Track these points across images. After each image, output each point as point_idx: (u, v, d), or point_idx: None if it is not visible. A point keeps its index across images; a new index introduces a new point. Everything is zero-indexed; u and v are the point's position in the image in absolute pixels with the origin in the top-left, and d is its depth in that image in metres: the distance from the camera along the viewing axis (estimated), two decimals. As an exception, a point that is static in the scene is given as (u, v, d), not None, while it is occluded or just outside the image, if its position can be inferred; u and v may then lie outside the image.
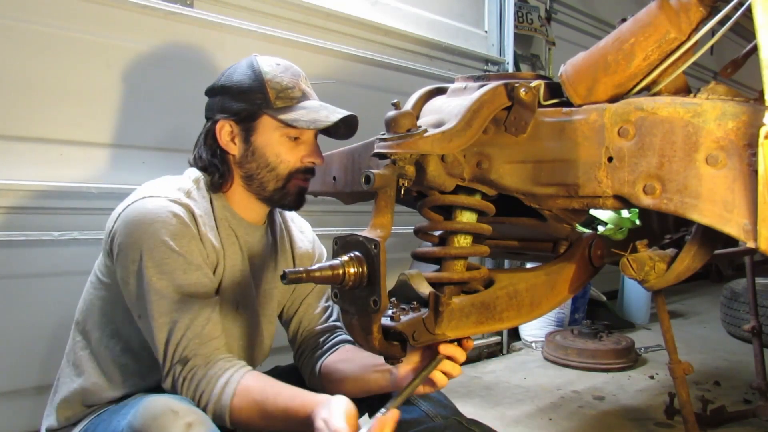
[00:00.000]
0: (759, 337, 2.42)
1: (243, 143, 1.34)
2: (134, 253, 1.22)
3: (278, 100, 1.32)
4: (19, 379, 1.78)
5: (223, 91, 1.35)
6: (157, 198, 1.26)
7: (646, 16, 1.05)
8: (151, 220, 1.22)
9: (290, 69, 1.38)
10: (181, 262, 1.22)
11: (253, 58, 1.37)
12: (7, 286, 1.76)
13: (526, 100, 1.08)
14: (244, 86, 1.33)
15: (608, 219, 1.87)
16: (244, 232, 1.39)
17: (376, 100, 2.61)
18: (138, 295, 1.22)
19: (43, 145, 1.81)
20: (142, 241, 1.21)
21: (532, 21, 3.84)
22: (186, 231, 1.24)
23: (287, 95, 1.33)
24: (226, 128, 1.34)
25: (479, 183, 1.15)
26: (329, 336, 1.49)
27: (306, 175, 1.38)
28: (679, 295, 5.38)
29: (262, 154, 1.34)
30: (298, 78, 1.37)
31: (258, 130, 1.33)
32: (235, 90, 1.33)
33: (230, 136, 1.34)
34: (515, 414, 2.54)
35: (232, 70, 1.38)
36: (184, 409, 1.08)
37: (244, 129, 1.34)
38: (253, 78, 1.33)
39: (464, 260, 1.16)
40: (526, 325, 3.61)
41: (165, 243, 1.21)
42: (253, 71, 1.34)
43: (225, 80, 1.36)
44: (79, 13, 1.86)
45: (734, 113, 0.92)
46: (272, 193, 1.37)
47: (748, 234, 0.90)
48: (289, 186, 1.36)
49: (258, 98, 1.32)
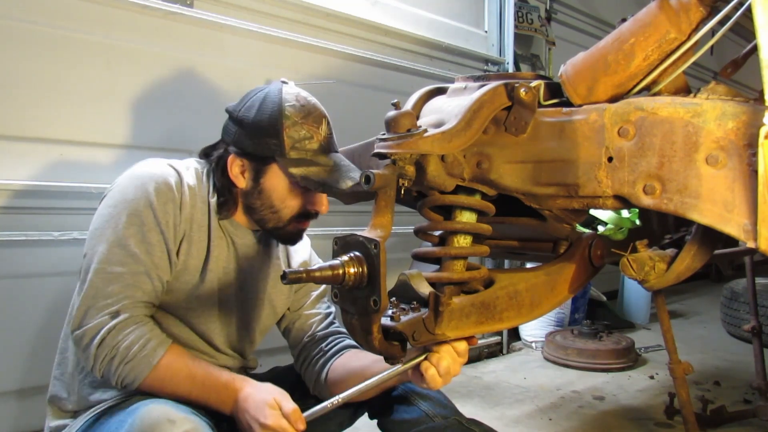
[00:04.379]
0: (759, 337, 2.42)
1: (252, 181, 1.34)
2: (113, 199, 1.26)
3: (293, 150, 1.30)
4: (19, 379, 1.78)
5: (242, 124, 1.33)
6: (154, 160, 1.32)
7: (646, 16, 1.05)
8: (140, 175, 1.27)
9: (313, 113, 1.34)
10: (150, 219, 1.24)
11: (279, 93, 1.33)
12: (7, 286, 1.76)
13: (526, 100, 1.08)
14: (261, 128, 1.30)
15: (608, 219, 1.87)
16: (233, 232, 1.39)
17: (376, 100, 2.62)
18: (96, 235, 1.25)
19: (43, 145, 1.81)
20: (127, 191, 1.25)
21: (532, 21, 3.84)
22: (167, 192, 1.27)
23: (303, 147, 1.31)
24: (237, 162, 1.34)
25: (479, 183, 1.15)
26: (332, 342, 1.49)
27: (307, 220, 1.39)
28: (679, 295, 5.38)
29: (268, 196, 1.34)
30: (319, 125, 1.34)
31: (267, 174, 1.33)
32: (252, 128, 1.31)
33: (240, 169, 1.34)
34: (515, 414, 2.54)
35: (255, 99, 1.34)
36: (181, 417, 1.07)
37: (255, 169, 1.34)
38: (272, 120, 1.30)
39: (464, 260, 1.16)
40: (526, 325, 3.60)
41: (146, 196, 1.24)
42: (273, 111, 1.30)
43: (245, 113, 1.33)
44: (79, 13, 1.86)
45: (734, 113, 0.92)
46: (271, 230, 1.39)
47: (748, 234, 0.90)
48: (289, 227, 1.38)
49: (273, 144, 1.30)
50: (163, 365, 1.20)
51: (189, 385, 1.22)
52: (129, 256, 1.22)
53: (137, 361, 1.18)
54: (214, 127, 2.08)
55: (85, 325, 1.19)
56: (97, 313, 1.19)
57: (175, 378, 1.21)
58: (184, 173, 1.32)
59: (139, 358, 1.18)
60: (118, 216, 1.24)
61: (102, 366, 1.19)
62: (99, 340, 1.18)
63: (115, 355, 1.18)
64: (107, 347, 1.18)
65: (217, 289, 1.38)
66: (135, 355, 1.18)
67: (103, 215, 1.26)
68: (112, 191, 1.29)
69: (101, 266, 1.21)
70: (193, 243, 1.32)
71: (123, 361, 1.18)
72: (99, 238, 1.24)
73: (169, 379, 1.21)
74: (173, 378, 1.21)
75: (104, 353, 1.18)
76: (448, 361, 1.13)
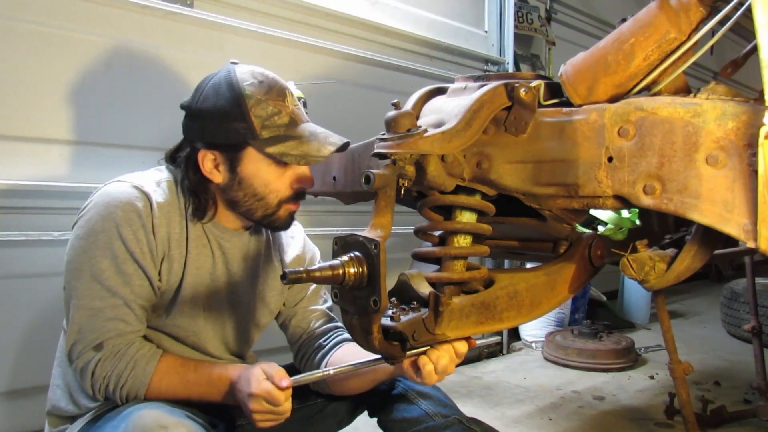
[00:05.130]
0: (759, 337, 2.42)
1: (228, 172, 1.27)
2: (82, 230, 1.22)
3: (264, 129, 1.23)
4: (20, 379, 1.78)
5: (202, 116, 1.25)
6: (120, 183, 1.26)
7: (646, 16, 1.05)
8: (106, 204, 1.22)
9: (274, 87, 1.26)
10: (122, 251, 1.21)
11: (232, 74, 1.26)
12: (7, 286, 1.76)
13: (526, 100, 1.08)
14: (224, 114, 1.22)
15: (608, 219, 1.87)
16: (219, 236, 1.35)
17: (376, 100, 2.62)
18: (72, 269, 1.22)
19: (43, 145, 1.81)
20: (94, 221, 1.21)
21: (532, 21, 3.84)
22: (136, 220, 1.22)
23: (273, 123, 1.24)
24: (209, 157, 1.26)
25: (479, 183, 1.15)
26: (330, 336, 1.48)
27: (297, 200, 1.33)
28: (679, 295, 5.38)
29: (249, 184, 1.27)
30: (283, 98, 1.26)
31: (244, 161, 1.26)
32: (215, 117, 1.23)
33: (213, 164, 1.27)
34: (515, 414, 2.54)
35: (209, 89, 1.26)
36: (174, 422, 1.06)
37: (229, 159, 1.26)
38: (234, 103, 1.22)
39: (464, 260, 1.16)
40: (526, 325, 3.61)
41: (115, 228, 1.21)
42: (232, 93, 1.23)
43: (203, 103, 1.25)
44: (79, 13, 1.86)
45: (734, 113, 0.92)
46: (260, 219, 1.32)
47: (748, 234, 0.90)
48: (279, 212, 1.32)
49: (242, 128, 1.22)
50: (155, 381, 1.21)
51: (186, 390, 1.23)
52: (105, 290, 1.20)
53: (131, 383, 1.20)
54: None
55: (75, 360, 1.21)
56: (83, 348, 1.20)
57: (171, 388, 1.22)
58: (152, 193, 1.26)
59: (132, 381, 1.20)
60: (90, 250, 1.21)
61: (101, 394, 1.21)
62: (90, 373, 1.19)
63: (108, 383, 1.19)
64: (99, 379, 1.19)
65: (204, 297, 1.35)
66: (127, 379, 1.19)
67: (75, 248, 1.23)
68: (82, 220, 1.24)
69: (81, 302, 1.20)
70: (174, 260, 1.28)
71: (117, 386, 1.19)
72: (75, 272, 1.22)
73: (166, 390, 1.22)
74: (169, 389, 1.22)
75: (98, 384, 1.20)
76: (446, 360, 1.13)
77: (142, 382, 1.20)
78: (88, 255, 1.21)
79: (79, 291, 1.21)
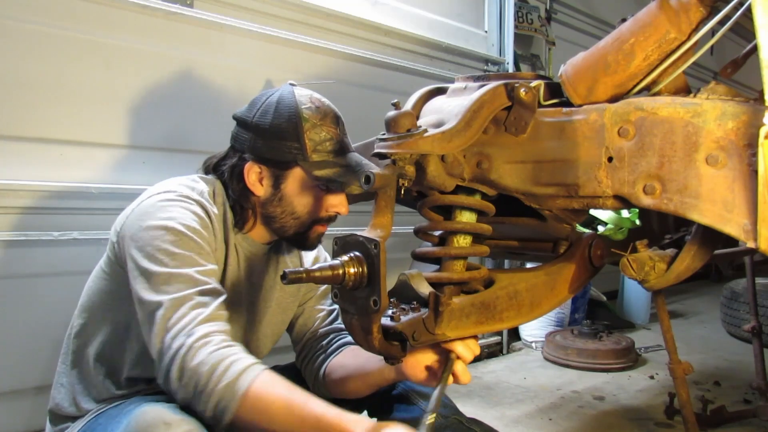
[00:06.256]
0: (759, 337, 2.42)
1: (271, 187, 1.31)
2: (150, 233, 1.16)
3: (314, 153, 1.28)
4: (20, 380, 1.78)
5: (257, 130, 1.29)
6: (174, 192, 1.25)
7: (646, 16, 1.05)
8: (171, 207, 1.21)
9: (329, 114, 1.32)
10: (198, 247, 1.19)
11: (292, 96, 1.31)
12: (7, 286, 1.75)
13: (526, 100, 1.08)
14: (280, 131, 1.27)
15: (608, 219, 1.87)
16: (241, 244, 1.37)
17: (376, 100, 2.61)
18: (147, 273, 1.14)
19: (43, 145, 1.81)
20: (161, 222, 1.17)
21: (532, 21, 3.84)
22: (203, 222, 1.23)
23: (324, 148, 1.29)
24: (255, 169, 1.30)
25: (479, 183, 1.15)
26: (333, 339, 1.48)
27: (328, 223, 1.37)
28: (679, 295, 5.38)
29: (289, 202, 1.31)
30: (336, 126, 1.32)
31: (289, 179, 1.30)
32: (270, 133, 1.28)
33: (258, 176, 1.31)
34: (515, 414, 2.54)
35: (268, 104, 1.31)
36: (177, 419, 1.03)
37: (275, 175, 1.30)
38: (291, 123, 1.27)
39: (464, 260, 1.16)
40: (526, 325, 3.60)
41: (186, 226, 1.18)
42: (290, 114, 1.28)
43: (260, 119, 1.29)
44: (79, 13, 1.86)
45: (734, 113, 0.92)
46: (291, 236, 1.36)
47: (748, 234, 0.90)
48: (310, 232, 1.35)
49: (294, 148, 1.27)
50: (251, 397, 1.02)
51: (286, 416, 1.03)
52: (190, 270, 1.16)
53: (223, 388, 1.02)
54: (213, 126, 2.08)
55: (164, 354, 1.08)
56: (174, 335, 1.08)
57: (268, 411, 1.03)
58: (207, 203, 1.27)
59: (224, 385, 1.02)
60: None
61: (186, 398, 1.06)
62: (179, 361, 1.05)
63: (209, 378, 1.03)
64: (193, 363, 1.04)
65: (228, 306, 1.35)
66: (218, 382, 1.03)
67: (142, 260, 1.15)
68: (152, 214, 1.19)
69: (168, 292, 1.12)
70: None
71: (214, 389, 1.03)
72: (151, 274, 1.13)
73: (260, 411, 1.03)
74: (266, 412, 1.03)
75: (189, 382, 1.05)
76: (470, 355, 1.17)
77: (239, 389, 1.02)
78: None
79: (161, 280, 1.12)
